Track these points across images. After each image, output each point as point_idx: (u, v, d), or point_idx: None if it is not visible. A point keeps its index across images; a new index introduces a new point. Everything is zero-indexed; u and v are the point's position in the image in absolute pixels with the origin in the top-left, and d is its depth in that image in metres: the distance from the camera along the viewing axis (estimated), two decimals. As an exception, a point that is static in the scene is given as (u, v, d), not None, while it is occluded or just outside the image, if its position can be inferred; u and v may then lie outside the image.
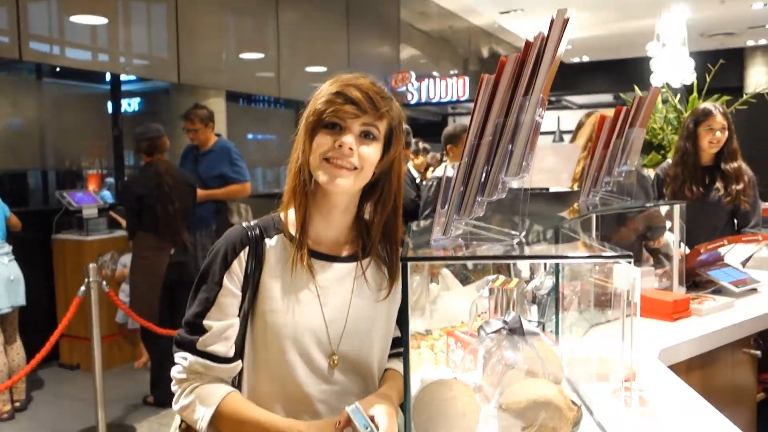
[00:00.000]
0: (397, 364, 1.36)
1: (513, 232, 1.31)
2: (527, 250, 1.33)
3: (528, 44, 1.19)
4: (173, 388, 1.25)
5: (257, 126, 8.26)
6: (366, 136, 1.18)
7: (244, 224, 1.24)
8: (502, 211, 1.31)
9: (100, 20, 5.12)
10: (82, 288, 3.65)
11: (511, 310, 1.52)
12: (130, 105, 7.20)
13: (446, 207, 1.28)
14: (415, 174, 4.47)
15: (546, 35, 1.18)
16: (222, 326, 1.20)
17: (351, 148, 1.16)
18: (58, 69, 6.03)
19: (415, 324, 1.90)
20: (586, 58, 14.01)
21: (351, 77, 1.18)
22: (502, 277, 1.65)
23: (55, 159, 6.26)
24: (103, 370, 3.73)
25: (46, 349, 3.49)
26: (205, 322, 1.20)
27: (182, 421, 1.26)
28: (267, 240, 1.23)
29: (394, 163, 1.24)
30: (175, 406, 1.24)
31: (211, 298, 1.20)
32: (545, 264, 1.77)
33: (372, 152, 1.19)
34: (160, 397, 4.26)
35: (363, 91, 1.16)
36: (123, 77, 6.26)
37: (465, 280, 2.29)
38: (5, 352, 4.11)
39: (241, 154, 4.86)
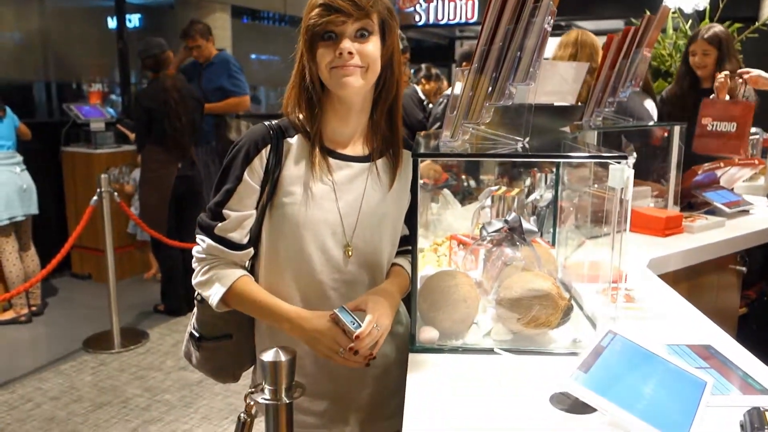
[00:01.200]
0: (403, 260, 1.47)
1: (517, 138, 1.39)
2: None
3: (541, -48, 1.22)
4: (193, 264, 1.36)
5: (262, 44, 8.16)
6: (361, 36, 1.26)
7: (266, 123, 1.32)
8: (508, 117, 1.38)
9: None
10: (95, 198, 3.76)
11: (512, 212, 1.61)
12: (131, 21, 7.09)
13: (455, 112, 1.35)
14: (423, 97, 4.49)
15: (559, -57, 1.21)
16: (239, 216, 1.31)
17: (350, 52, 1.24)
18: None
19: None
20: (598, -18, 13.62)
21: None
22: (504, 187, 1.74)
23: (59, 72, 6.24)
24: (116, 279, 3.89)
25: (61, 255, 3.63)
26: (225, 211, 1.30)
27: (198, 293, 1.38)
28: (288, 139, 1.31)
29: (393, 54, 1.32)
30: (194, 281, 1.36)
31: (232, 189, 1.29)
32: (546, 178, 1.84)
33: (371, 47, 1.27)
34: (171, 305, 4.45)
35: None
36: None
37: (468, 197, 2.38)
38: (21, 259, 4.26)
39: (241, 67, 4.88)
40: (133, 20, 7.09)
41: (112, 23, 6.33)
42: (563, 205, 1.84)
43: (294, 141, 1.32)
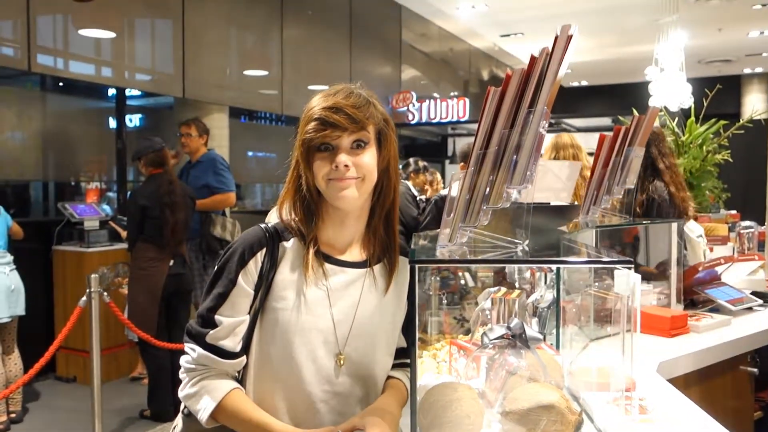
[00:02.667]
0: (400, 374, 1.39)
1: (516, 241, 1.35)
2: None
3: (533, 59, 1.23)
4: (181, 375, 1.28)
5: (259, 142, 8.33)
6: (357, 147, 1.26)
7: (262, 226, 1.29)
8: (505, 220, 1.35)
9: (108, 34, 5.20)
10: (83, 298, 3.67)
11: (515, 317, 1.55)
12: (132, 121, 7.23)
13: (452, 215, 1.33)
14: (416, 192, 4.53)
15: (551, 50, 1.23)
16: (232, 322, 1.25)
17: (346, 165, 1.24)
18: (61, 84, 6.09)
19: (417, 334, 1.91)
20: (585, 83, 14.20)
21: (327, 99, 1.26)
22: (504, 289, 1.68)
23: (57, 171, 6.30)
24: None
25: (45, 359, 3.49)
26: (217, 317, 1.25)
27: (186, 407, 1.29)
28: (284, 242, 1.28)
29: (390, 161, 1.32)
30: (181, 393, 1.27)
31: (225, 293, 1.24)
32: (545, 277, 1.80)
33: (367, 158, 1.27)
34: (157, 410, 4.25)
35: (340, 110, 1.24)
36: (128, 92, 6.32)
37: (465, 296, 2.31)
38: (3, 362, 4.10)
39: (228, 165, 4.96)
40: (134, 120, 7.25)
41: (112, 123, 6.46)
42: (565, 305, 1.78)
43: (289, 245, 1.29)
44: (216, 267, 1.27)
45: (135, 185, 6.24)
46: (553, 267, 1.65)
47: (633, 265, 1.14)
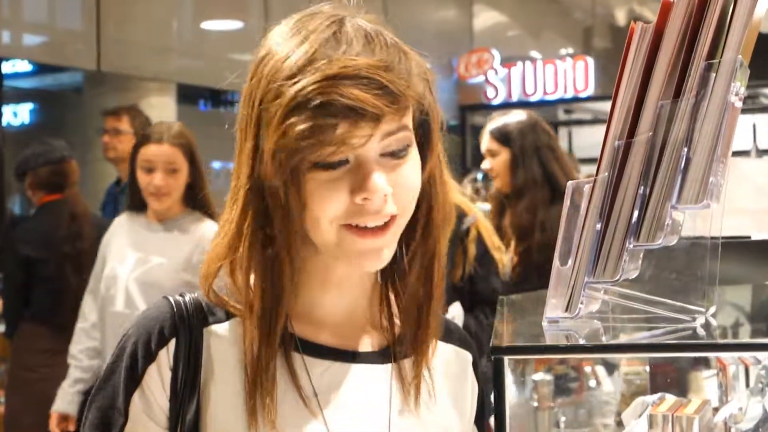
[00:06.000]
0: None
1: (692, 307, 0.83)
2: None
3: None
4: None
5: (229, 143, 5.24)
6: (392, 155, 0.69)
7: (171, 298, 0.75)
8: (672, 267, 0.85)
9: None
10: None
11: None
12: (16, 114, 4.73)
13: (571, 261, 0.83)
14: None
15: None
16: None
17: (385, 194, 0.68)
18: None
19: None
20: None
21: (324, 52, 0.66)
22: (670, 397, 1.10)
23: None
24: None
25: None
26: None
27: None
28: (213, 327, 0.73)
29: (434, 168, 0.74)
30: None
31: None
32: (747, 375, 1.18)
33: (410, 172, 0.70)
34: None
35: (368, 80, 0.65)
36: (6, 65, 3.99)
37: (600, 410, 1.67)
38: None
39: None
40: (19, 112, 4.73)
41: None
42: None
43: (224, 329, 0.73)
44: (96, 383, 0.75)
45: (16, 220, 3.96)
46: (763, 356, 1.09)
47: None
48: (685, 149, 0.76)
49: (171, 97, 4.10)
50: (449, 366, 0.81)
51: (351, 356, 0.74)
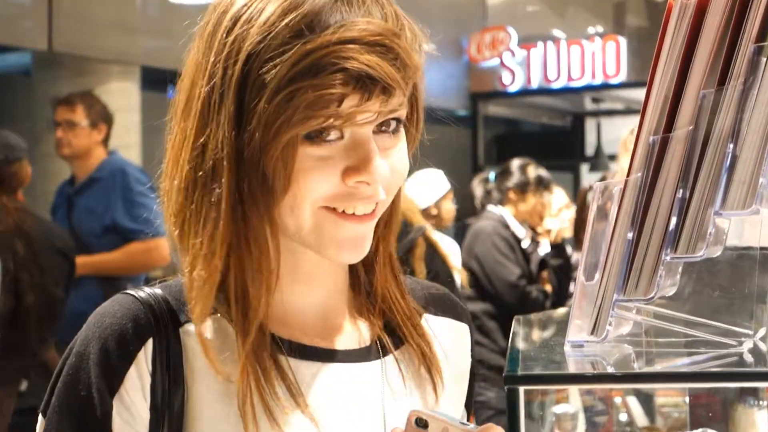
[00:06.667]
0: None
1: (738, 329, 0.76)
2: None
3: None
4: None
5: None
6: (386, 132, 0.63)
7: (137, 293, 0.65)
8: (715, 284, 0.78)
9: None
10: None
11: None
12: None
13: (598, 276, 0.76)
14: (519, 231, 2.78)
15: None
16: None
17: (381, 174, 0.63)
18: None
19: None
20: None
21: (345, 9, 0.59)
22: None
23: None
24: None
25: None
26: None
27: None
28: (187, 326, 0.64)
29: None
30: None
31: None
32: None
33: (403, 155, 0.65)
34: None
35: (385, 47, 0.59)
36: None
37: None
38: None
39: (150, 182, 2.54)
40: None
41: None
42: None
43: (204, 328, 0.64)
44: (50, 406, 0.63)
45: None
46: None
47: None
48: (731, 146, 0.70)
49: (134, 82, 3.69)
50: (445, 341, 0.75)
51: (331, 355, 0.67)
